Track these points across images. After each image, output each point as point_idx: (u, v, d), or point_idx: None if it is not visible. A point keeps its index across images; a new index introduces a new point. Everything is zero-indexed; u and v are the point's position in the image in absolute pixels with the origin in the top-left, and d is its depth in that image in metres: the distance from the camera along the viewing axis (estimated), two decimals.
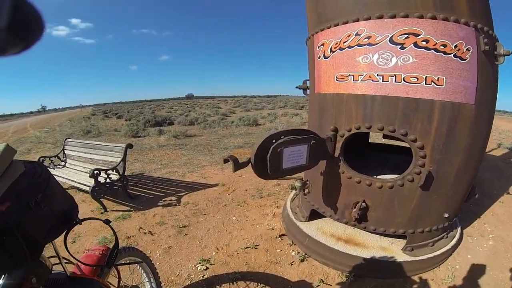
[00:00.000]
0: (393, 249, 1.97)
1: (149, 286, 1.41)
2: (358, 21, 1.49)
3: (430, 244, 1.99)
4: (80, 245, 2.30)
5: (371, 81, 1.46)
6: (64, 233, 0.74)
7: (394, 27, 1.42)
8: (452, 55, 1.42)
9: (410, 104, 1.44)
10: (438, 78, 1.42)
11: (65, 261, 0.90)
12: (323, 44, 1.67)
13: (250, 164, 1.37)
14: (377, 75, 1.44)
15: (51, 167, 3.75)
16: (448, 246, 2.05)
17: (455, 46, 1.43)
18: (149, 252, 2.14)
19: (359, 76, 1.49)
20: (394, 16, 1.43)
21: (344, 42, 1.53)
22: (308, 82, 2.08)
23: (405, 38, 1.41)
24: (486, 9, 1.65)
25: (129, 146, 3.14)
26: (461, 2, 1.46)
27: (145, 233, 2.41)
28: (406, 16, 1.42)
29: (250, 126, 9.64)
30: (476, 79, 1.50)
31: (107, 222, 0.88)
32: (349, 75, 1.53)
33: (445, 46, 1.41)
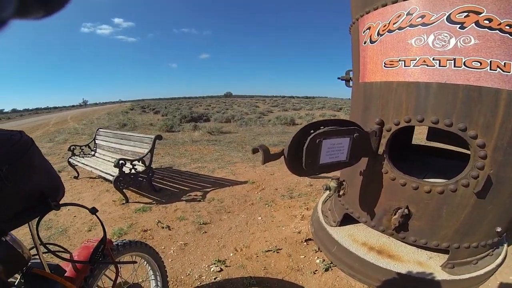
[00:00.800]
0: (431, 264, 1.74)
1: (154, 285, 1.30)
2: None
3: (474, 262, 1.74)
4: (95, 234, 2.25)
5: (425, 66, 1.27)
6: (37, 219, 0.62)
7: (452, 4, 1.24)
8: None
9: (472, 93, 1.24)
10: (505, 63, 1.22)
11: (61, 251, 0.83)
12: (369, 28, 1.50)
13: (283, 156, 1.19)
14: (433, 59, 1.25)
15: (80, 155, 3.89)
16: (493, 265, 1.80)
17: None
18: (163, 247, 2.05)
19: (412, 61, 1.30)
20: None
21: (394, 24, 1.36)
22: (351, 73, 1.90)
23: (465, 17, 1.22)
24: None
25: (159, 137, 3.11)
26: None
27: (162, 228, 2.35)
28: None
29: (287, 125, 9.64)
30: None
31: (93, 211, 0.77)
32: (399, 60, 1.34)
33: (511, 26, 1.22)
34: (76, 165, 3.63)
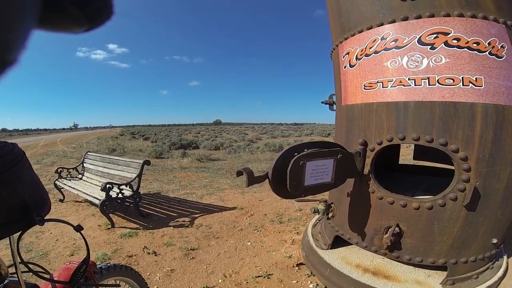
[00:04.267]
0: (430, 283, 1.73)
1: None
2: (382, 25, 1.43)
3: (475, 277, 1.74)
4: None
5: (402, 86, 1.35)
6: (19, 233, 0.60)
7: (422, 27, 1.35)
8: (487, 52, 1.33)
9: (448, 108, 1.31)
10: (476, 78, 1.31)
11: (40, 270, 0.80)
12: (348, 53, 1.60)
13: (267, 179, 1.20)
14: (409, 79, 1.34)
15: (67, 178, 3.89)
16: (495, 278, 1.80)
17: (489, 44, 1.34)
18: (148, 274, 2.02)
19: (389, 82, 1.38)
20: (419, 17, 1.37)
21: (370, 48, 1.46)
22: (334, 97, 1.99)
23: (435, 38, 1.33)
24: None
25: (147, 162, 3.16)
26: None
27: (148, 253, 2.33)
28: (432, 16, 1.36)
29: (276, 152, 9.95)
30: None
31: (78, 229, 0.76)
32: (377, 82, 1.43)
33: (478, 44, 1.33)
34: (62, 188, 3.60)
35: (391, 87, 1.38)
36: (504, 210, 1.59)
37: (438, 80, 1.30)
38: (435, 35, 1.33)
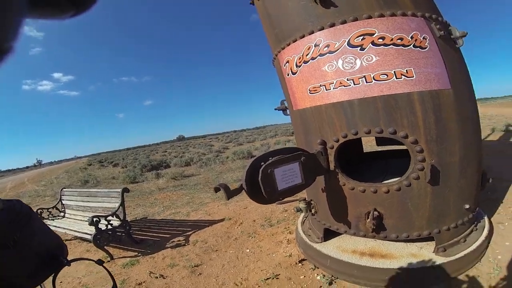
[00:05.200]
0: (424, 254, 1.85)
1: None
2: (313, 32, 1.58)
3: (462, 240, 1.88)
4: None
5: (343, 86, 1.50)
6: (52, 277, 0.67)
7: (348, 31, 1.51)
8: (411, 46, 1.50)
9: (388, 101, 1.46)
10: (406, 70, 1.47)
11: None
12: (288, 61, 1.75)
13: (243, 190, 1.30)
14: (347, 79, 1.48)
15: (50, 218, 3.83)
16: (482, 238, 1.95)
17: (412, 37, 1.52)
18: None
19: (330, 85, 1.53)
20: (345, 22, 1.53)
21: (306, 55, 1.61)
22: (285, 102, 2.13)
23: (362, 39, 1.49)
24: None
25: (126, 190, 3.17)
26: None
27: (156, 277, 2.36)
28: (356, 19, 1.52)
29: (246, 159, 10.07)
30: (443, 64, 1.57)
31: (99, 262, 0.82)
32: (320, 86, 1.57)
33: (402, 39, 1.50)
34: None
35: (333, 89, 1.53)
36: (466, 179, 1.74)
37: (373, 77, 1.46)
38: (362, 37, 1.49)
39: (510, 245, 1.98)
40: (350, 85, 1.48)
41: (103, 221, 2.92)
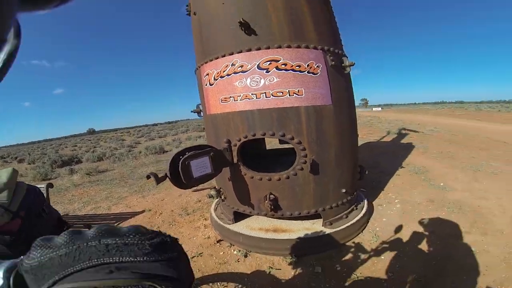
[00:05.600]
0: (315, 227, 2.49)
1: None
2: (232, 54, 2.00)
3: (344, 217, 2.58)
4: None
5: (247, 99, 1.97)
6: None
7: (260, 57, 1.96)
8: (306, 72, 2.03)
9: (281, 112, 1.99)
10: (298, 90, 2.00)
11: None
12: (208, 74, 2.15)
13: (167, 177, 1.72)
14: (251, 94, 1.96)
15: None
16: (361, 214, 2.66)
17: (308, 65, 2.03)
18: None
19: (238, 97, 1.99)
20: (259, 48, 1.97)
21: (223, 71, 2.03)
22: (200, 106, 2.56)
23: (269, 64, 1.96)
24: (334, 34, 2.35)
25: (50, 185, 3.13)
26: (311, 33, 2.10)
27: None
28: (268, 48, 1.98)
29: (158, 154, 10.26)
30: (328, 87, 2.14)
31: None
32: (230, 97, 2.02)
33: (299, 66, 2.01)
34: None
35: (240, 100, 2.00)
36: (341, 171, 2.41)
37: (272, 94, 1.96)
38: (269, 62, 1.96)
39: (386, 221, 2.73)
40: (253, 98, 1.96)
41: None
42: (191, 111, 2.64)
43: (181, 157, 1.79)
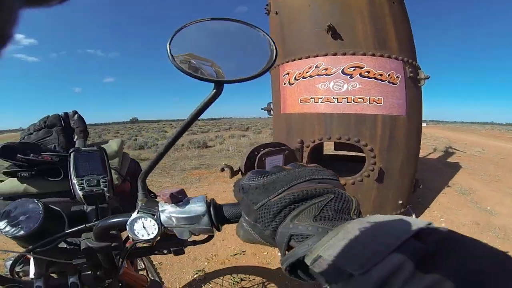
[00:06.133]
0: None
1: None
2: (317, 56, 2.08)
3: None
4: None
5: (328, 102, 2.05)
6: None
7: (345, 62, 2.03)
8: (386, 81, 2.06)
9: (359, 118, 2.04)
10: (378, 98, 2.04)
11: None
12: (288, 73, 2.25)
13: (240, 172, 1.84)
14: (333, 97, 2.03)
15: None
16: None
17: (389, 75, 2.07)
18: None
19: (319, 99, 2.07)
20: (344, 54, 2.04)
21: (306, 72, 2.11)
22: (271, 104, 2.65)
23: (353, 70, 2.02)
24: (412, 47, 2.37)
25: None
26: (393, 43, 2.14)
27: None
28: (353, 54, 2.04)
29: (201, 149, 10.24)
30: (405, 98, 2.15)
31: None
32: (311, 98, 2.11)
33: (381, 75, 2.05)
34: None
35: (320, 102, 2.07)
36: (402, 181, 2.43)
37: (353, 99, 2.02)
38: (353, 68, 2.02)
39: None
40: (334, 102, 2.03)
41: None
42: (262, 108, 2.75)
43: (256, 153, 1.91)
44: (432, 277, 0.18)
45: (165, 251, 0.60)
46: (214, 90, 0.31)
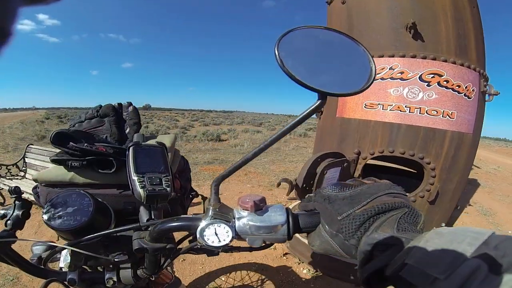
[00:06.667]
0: None
1: None
2: (393, 56, 1.82)
3: None
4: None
5: (399, 111, 1.81)
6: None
7: (424, 67, 1.78)
8: (463, 94, 1.84)
9: (429, 132, 1.83)
10: (451, 112, 1.82)
11: None
12: None
13: (295, 186, 1.55)
14: (405, 106, 1.80)
15: (7, 177, 3.32)
16: None
17: (466, 87, 1.84)
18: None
19: (388, 106, 1.83)
20: (425, 57, 1.79)
21: (377, 74, 1.86)
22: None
23: (432, 77, 1.78)
24: (484, 56, 2.12)
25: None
26: (472, 51, 1.90)
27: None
28: (434, 59, 1.79)
29: (214, 142, 9.94)
30: (475, 114, 1.95)
31: None
32: (378, 104, 1.86)
33: (459, 86, 1.82)
34: (2, 188, 3.07)
35: (390, 110, 1.83)
36: (451, 203, 2.27)
37: (426, 111, 1.79)
38: (432, 75, 1.78)
39: None
40: (406, 111, 1.80)
41: None
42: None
43: (316, 165, 1.67)
44: (506, 277, 0.21)
45: (201, 252, 0.59)
46: (319, 101, 0.31)
